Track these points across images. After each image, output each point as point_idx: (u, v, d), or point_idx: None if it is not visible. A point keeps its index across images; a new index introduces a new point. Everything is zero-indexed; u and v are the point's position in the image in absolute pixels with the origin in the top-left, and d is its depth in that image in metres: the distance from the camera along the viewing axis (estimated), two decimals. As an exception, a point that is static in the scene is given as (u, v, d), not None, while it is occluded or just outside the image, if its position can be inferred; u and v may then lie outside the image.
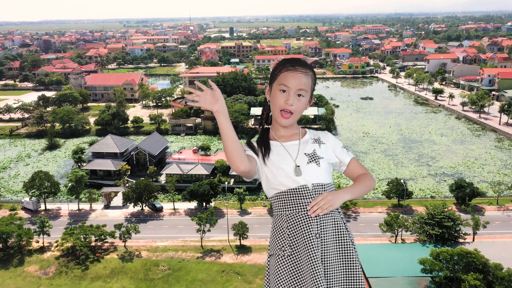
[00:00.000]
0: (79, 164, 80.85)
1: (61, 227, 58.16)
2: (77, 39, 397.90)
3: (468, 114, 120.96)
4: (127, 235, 52.75)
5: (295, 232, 3.63)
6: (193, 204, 65.50)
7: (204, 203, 64.19)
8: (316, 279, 3.44)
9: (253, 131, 4.17)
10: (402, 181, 64.52)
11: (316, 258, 3.50)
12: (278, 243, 3.71)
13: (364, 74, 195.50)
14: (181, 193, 71.26)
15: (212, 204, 65.67)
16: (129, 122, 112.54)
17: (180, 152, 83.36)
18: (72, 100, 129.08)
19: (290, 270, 3.60)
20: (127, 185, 67.33)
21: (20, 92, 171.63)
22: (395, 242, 53.46)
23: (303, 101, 3.78)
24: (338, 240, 3.69)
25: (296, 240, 3.61)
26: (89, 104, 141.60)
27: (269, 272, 3.78)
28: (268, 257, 3.87)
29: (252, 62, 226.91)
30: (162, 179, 75.16)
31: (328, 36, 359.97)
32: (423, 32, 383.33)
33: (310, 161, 3.77)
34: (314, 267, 3.47)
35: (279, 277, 3.59)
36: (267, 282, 3.78)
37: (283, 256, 3.64)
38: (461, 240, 51.45)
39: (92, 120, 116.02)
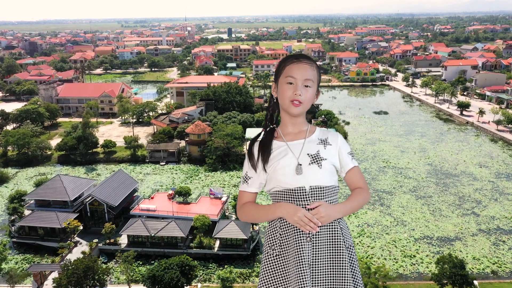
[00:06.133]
0: (16, 216, 61.07)
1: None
2: (67, 40, 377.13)
3: (504, 135, 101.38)
4: None
5: (287, 233, 3.62)
6: (158, 291, 45.93)
7: (173, 291, 44.68)
8: (301, 282, 3.39)
9: (257, 135, 4.02)
10: (457, 258, 45.09)
11: (304, 261, 3.45)
12: (270, 241, 3.71)
13: (374, 82, 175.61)
14: (146, 262, 52.25)
15: (186, 289, 46.19)
16: (98, 146, 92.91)
17: (152, 198, 63.79)
18: (37, 116, 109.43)
19: (276, 269, 3.59)
20: (62, 262, 47.42)
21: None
22: None
23: (311, 92, 3.76)
24: (331, 245, 3.61)
25: (287, 241, 3.61)
26: (59, 120, 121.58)
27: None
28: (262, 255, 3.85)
29: (250, 67, 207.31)
30: (123, 240, 55.68)
31: (331, 37, 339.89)
32: (429, 34, 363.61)
33: (312, 162, 3.71)
34: (301, 270, 3.43)
35: (265, 274, 3.61)
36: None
37: (272, 254, 3.64)
38: None
39: (56, 143, 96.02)
